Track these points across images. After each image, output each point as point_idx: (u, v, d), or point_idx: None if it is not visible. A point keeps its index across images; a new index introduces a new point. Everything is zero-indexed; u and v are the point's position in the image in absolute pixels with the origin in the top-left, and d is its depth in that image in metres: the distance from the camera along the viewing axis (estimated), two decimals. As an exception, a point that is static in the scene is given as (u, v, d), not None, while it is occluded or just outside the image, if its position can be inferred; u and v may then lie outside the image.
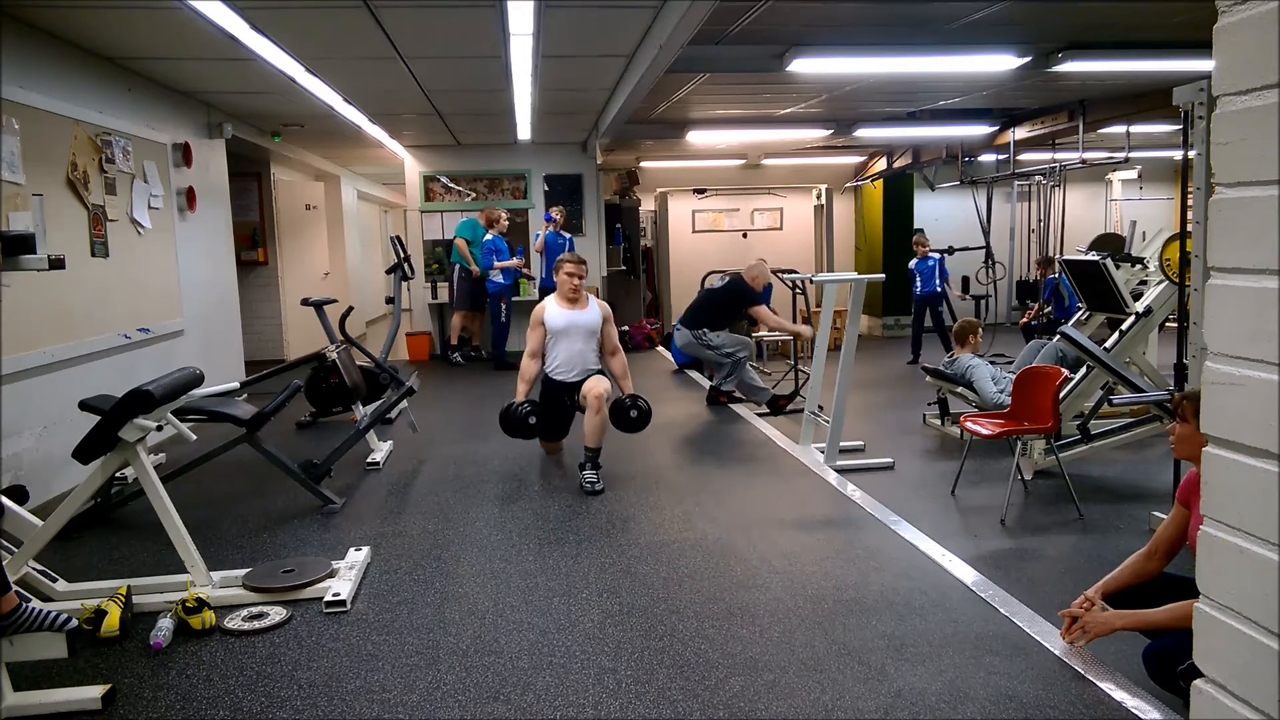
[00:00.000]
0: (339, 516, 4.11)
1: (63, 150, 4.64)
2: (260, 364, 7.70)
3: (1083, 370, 5.09)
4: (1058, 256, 8.12)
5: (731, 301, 6.92)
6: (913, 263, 9.51)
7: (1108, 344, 5.02)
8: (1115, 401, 4.84)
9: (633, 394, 4.82)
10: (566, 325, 4.78)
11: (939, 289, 9.23)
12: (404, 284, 6.86)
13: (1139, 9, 5.11)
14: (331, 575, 3.23)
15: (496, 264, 8.84)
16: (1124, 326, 5.02)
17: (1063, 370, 4.61)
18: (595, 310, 4.88)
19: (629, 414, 4.76)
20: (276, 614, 2.98)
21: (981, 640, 2.70)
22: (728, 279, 7.18)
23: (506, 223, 9.21)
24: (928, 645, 2.68)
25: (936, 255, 9.28)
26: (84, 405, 3.44)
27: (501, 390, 7.47)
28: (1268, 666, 1.37)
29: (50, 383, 4.46)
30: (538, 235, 9.18)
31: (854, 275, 5.77)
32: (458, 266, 8.90)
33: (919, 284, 9.40)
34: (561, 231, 9.10)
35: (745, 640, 2.75)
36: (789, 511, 4.17)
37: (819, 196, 11.63)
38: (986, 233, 9.95)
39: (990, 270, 9.75)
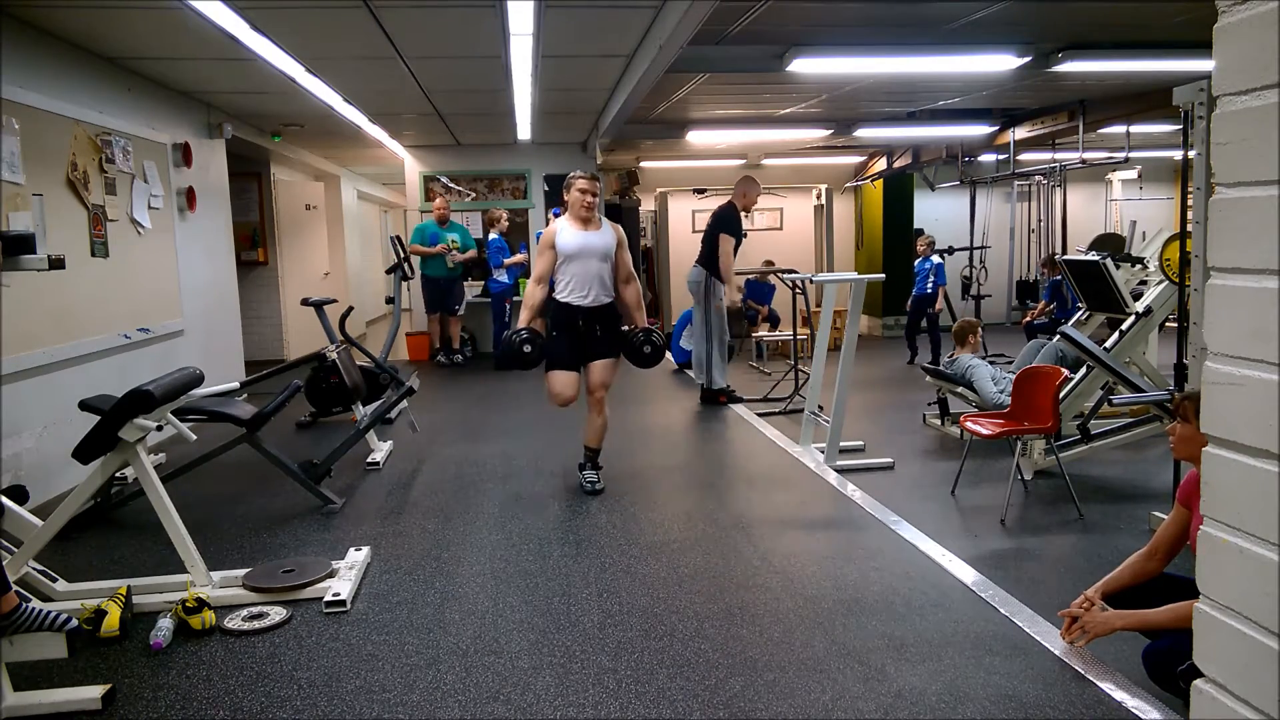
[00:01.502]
0: (339, 516, 4.11)
1: (63, 150, 4.64)
2: (260, 364, 7.70)
3: (1083, 370, 5.10)
4: (1058, 256, 8.12)
5: (711, 233, 6.79)
6: (915, 262, 9.56)
7: (1108, 344, 5.02)
8: (1115, 401, 4.84)
9: (646, 328, 4.50)
10: (580, 248, 4.32)
11: (928, 291, 9.25)
12: (404, 284, 6.86)
13: (1139, 9, 5.11)
14: (331, 575, 3.23)
15: (505, 261, 8.84)
16: (1124, 326, 5.02)
17: (1063, 370, 4.61)
18: (609, 232, 4.43)
19: (641, 349, 4.44)
20: (276, 614, 2.98)
21: (981, 640, 2.70)
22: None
23: (507, 223, 9.21)
24: (928, 645, 2.68)
25: (935, 259, 9.29)
26: (84, 405, 3.43)
27: (502, 391, 7.49)
28: (1268, 666, 1.37)
29: (50, 383, 4.46)
30: (540, 234, 9.17)
31: (854, 275, 5.77)
32: (421, 275, 8.87)
33: (916, 284, 9.46)
34: None
35: (745, 640, 2.75)
36: (789, 511, 4.17)
37: (819, 196, 11.63)
38: (978, 232, 9.94)
39: (977, 272, 9.81)
